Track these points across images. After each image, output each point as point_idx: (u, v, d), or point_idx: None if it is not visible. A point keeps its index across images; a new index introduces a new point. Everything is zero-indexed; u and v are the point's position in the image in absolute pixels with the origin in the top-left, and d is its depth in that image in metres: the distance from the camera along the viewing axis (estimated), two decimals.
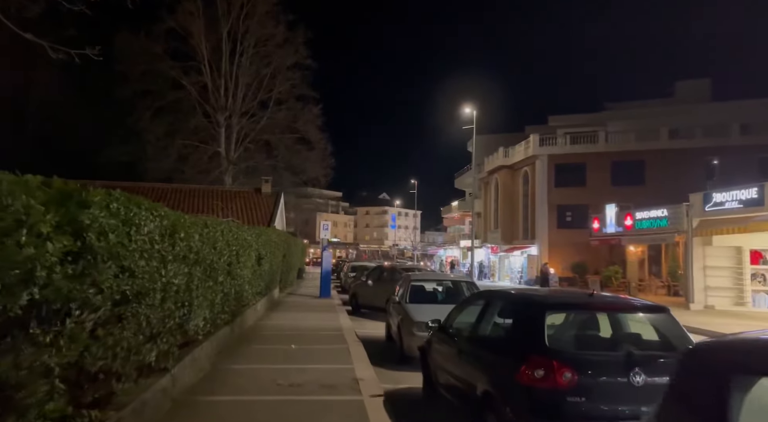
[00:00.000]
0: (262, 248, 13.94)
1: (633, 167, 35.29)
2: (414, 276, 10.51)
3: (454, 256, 58.06)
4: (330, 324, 12.76)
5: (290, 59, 34.84)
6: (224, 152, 33.92)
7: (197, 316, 6.73)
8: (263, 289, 14.96)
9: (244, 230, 10.73)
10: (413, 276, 10.48)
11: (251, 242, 11.79)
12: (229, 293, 9.12)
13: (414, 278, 10.38)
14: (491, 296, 5.63)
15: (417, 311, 8.97)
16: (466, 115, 36.91)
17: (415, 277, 10.47)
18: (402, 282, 11.12)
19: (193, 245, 6.38)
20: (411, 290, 9.93)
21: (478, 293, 6.56)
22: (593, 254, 34.95)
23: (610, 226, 27.66)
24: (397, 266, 17.26)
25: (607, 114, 41.98)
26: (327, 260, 21.01)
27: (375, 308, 15.99)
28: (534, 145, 38.42)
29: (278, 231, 18.72)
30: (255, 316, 13.04)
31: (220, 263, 8.14)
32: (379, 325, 14.08)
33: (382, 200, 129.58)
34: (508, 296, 5.41)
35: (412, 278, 10.26)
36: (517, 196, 42.14)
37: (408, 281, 10.15)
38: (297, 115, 35.28)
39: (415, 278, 10.43)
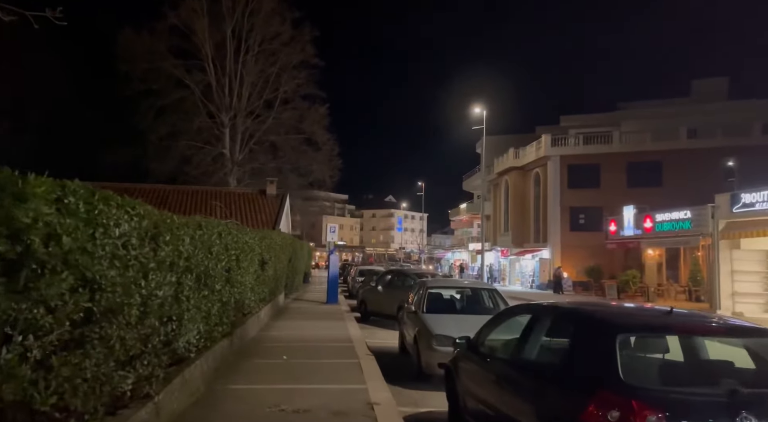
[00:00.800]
0: (266, 252, 13.08)
1: (649, 167, 34.22)
2: (431, 283, 9.58)
3: (462, 259, 57.08)
4: (338, 333, 11.85)
5: (296, 58, 34.08)
6: (229, 153, 33.15)
7: (188, 331, 5.85)
8: (267, 296, 14.09)
9: (246, 232, 9.86)
10: (430, 283, 9.55)
11: (254, 246, 10.92)
12: (228, 303, 8.24)
13: (431, 285, 9.46)
14: (537, 311, 4.69)
15: (436, 322, 8.05)
16: (475, 115, 35.97)
17: (431, 284, 9.54)
18: (417, 289, 10.20)
19: (183, 250, 5.49)
20: (428, 298, 9.01)
21: (520, 307, 5.61)
22: (608, 257, 33.89)
23: (627, 229, 26.63)
24: (410, 271, 16.34)
25: (621, 114, 40.91)
26: (334, 265, 20.13)
27: (385, 316, 15.08)
28: (546, 145, 37.43)
29: (283, 234, 17.86)
30: (258, 325, 12.16)
31: (217, 269, 7.27)
32: (391, 334, 13.17)
33: (388, 202, 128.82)
34: (561, 311, 4.45)
35: (429, 285, 9.34)
36: (528, 198, 41.15)
37: (424, 289, 9.23)
38: (303, 115, 34.48)
39: (432, 285, 9.50)
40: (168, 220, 5.04)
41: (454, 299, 9.53)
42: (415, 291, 10.29)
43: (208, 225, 6.70)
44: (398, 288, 15.06)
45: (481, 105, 35.37)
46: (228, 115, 32.89)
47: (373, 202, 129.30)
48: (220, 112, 32.77)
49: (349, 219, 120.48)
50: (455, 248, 63.80)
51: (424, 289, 9.21)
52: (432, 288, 9.37)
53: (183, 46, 31.35)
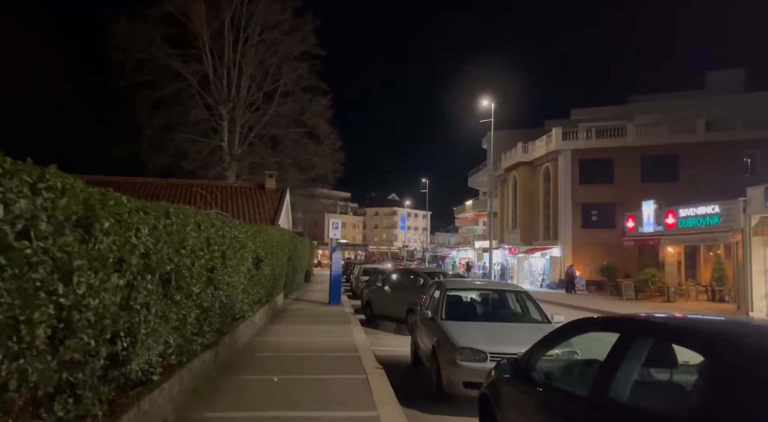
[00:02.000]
0: (262, 249, 11.77)
1: (665, 161, 32.76)
2: (449, 284, 8.21)
3: (468, 258, 55.69)
4: (342, 340, 10.53)
5: (298, 48, 32.70)
6: (227, 146, 31.82)
7: (149, 349, 4.52)
8: (263, 297, 12.78)
9: (236, 226, 8.55)
10: (448, 284, 8.18)
11: (246, 242, 9.62)
12: (210, 308, 6.93)
13: (450, 286, 8.10)
14: (627, 327, 3.29)
15: (460, 332, 6.71)
16: (482, 109, 34.51)
17: (450, 285, 8.17)
18: (432, 291, 8.87)
19: (139, 243, 4.17)
20: (447, 302, 7.66)
21: (595, 320, 4.20)
22: (621, 255, 32.50)
23: (647, 225, 25.20)
24: (420, 269, 14.98)
25: (633, 106, 39.48)
26: (337, 263, 18.81)
27: (393, 319, 13.76)
28: (557, 139, 36.01)
29: (282, 230, 16.54)
30: (251, 330, 10.85)
31: (195, 268, 5.95)
32: (400, 341, 11.85)
33: (391, 200, 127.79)
34: (673, 330, 3.06)
35: (448, 287, 7.97)
36: (537, 194, 39.74)
37: (442, 291, 7.88)
38: (304, 107, 33.10)
39: (451, 286, 8.14)
40: (111, 201, 3.71)
41: (478, 304, 8.14)
42: (429, 293, 8.96)
43: (180, 214, 5.37)
44: (407, 289, 13.72)
45: (489, 97, 33.95)
46: (226, 107, 31.55)
47: (376, 200, 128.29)
48: (218, 104, 31.43)
49: (351, 217, 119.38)
50: (460, 247, 62.38)
51: (442, 291, 7.85)
52: (451, 290, 8.00)
53: (179, 35, 30.00)
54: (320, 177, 35.26)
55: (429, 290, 9.40)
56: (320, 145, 33.65)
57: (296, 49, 32.84)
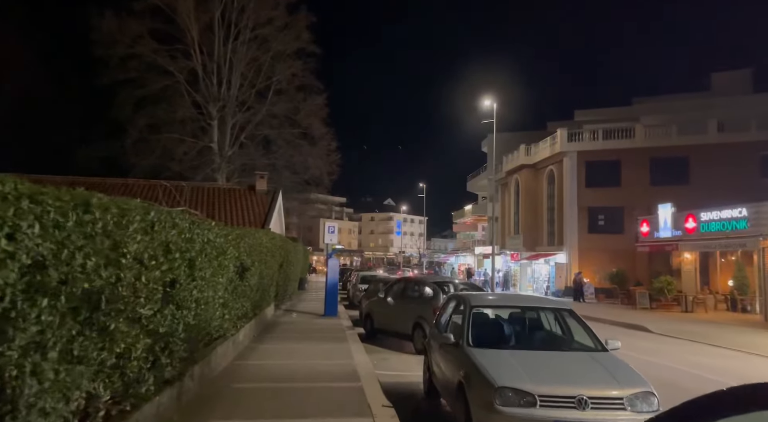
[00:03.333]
0: (248, 255, 10.19)
1: (676, 164, 31.39)
2: (475, 300, 6.58)
3: (468, 264, 54.11)
4: (340, 363, 8.94)
5: (292, 45, 31.24)
6: (217, 147, 30.23)
7: (44, 416, 2.93)
8: (249, 311, 11.19)
9: (210, 228, 6.97)
10: (473, 299, 6.57)
11: (226, 248, 8.05)
12: (171, 333, 5.34)
13: (475, 302, 6.48)
14: None
15: (495, 365, 5.15)
16: (482, 111, 33.02)
17: (476, 301, 6.55)
18: (452, 307, 7.32)
19: (20, 250, 2.61)
20: (474, 323, 6.07)
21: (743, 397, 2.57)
22: (630, 262, 31.08)
23: (664, 230, 23.75)
24: (428, 279, 13.38)
25: (640, 107, 38.17)
26: (333, 270, 17.19)
27: (397, 334, 12.17)
28: (562, 140, 34.61)
29: (273, 234, 14.96)
30: (234, 352, 9.25)
31: (143, 283, 4.38)
32: (406, 361, 10.28)
33: (387, 206, 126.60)
34: None
35: (473, 303, 6.39)
36: (540, 198, 38.31)
37: (467, 308, 6.29)
38: (298, 106, 31.58)
39: (477, 302, 6.52)
40: None
41: (511, 325, 6.48)
42: (448, 310, 7.38)
43: (113, 208, 3.78)
44: (413, 301, 12.14)
45: (491, 97, 32.52)
46: (216, 106, 29.98)
47: (372, 205, 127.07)
48: (207, 102, 29.86)
49: (347, 223, 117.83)
50: (459, 252, 60.81)
51: (467, 308, 6.26)
52: (478, 307, 6.42)
53: (166, 29, 28.48)
54: (315, 180, 33.69)
55: (448, 307, 7.84)
56: (315, 146, 32.11)
57: (290, 47, 31.41)
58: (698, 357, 11.80)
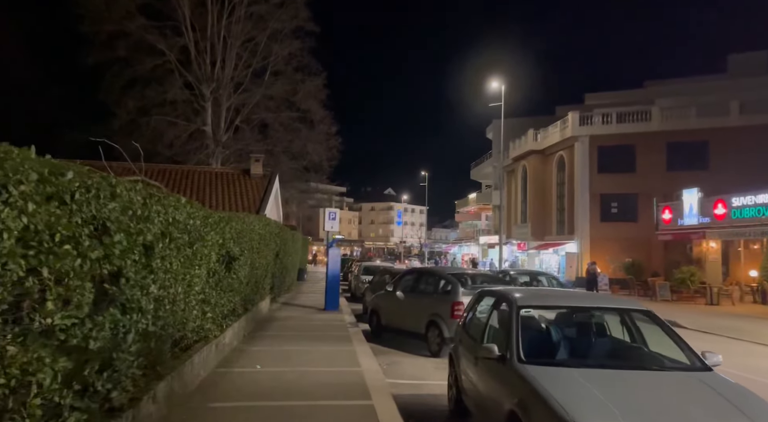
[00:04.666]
0: (235, 243, 8.74)
1: (694, 148, 29.87)
2: (523, 297, 4.98)
3: (472, 254, 52.69)
4: (345, 371, 7.47)
5: (289, 24, 29.53)
6: (211, 131, 28.61)
7: None
8: (238, 306, 9.72)
9: (179, 206, 5.45)
10: (519, 297, 4.96)
11: (205, 233, 6.60)
12: (114, 347, 3.84)
13: (523, 301, 4.89)
14: None
15: (569, 393, 3.64)
16: (489, 94, 31.44)
17: (524, 299, 4.95)
18: (483, 304, 5.82)
19: None
20: (524, 330, 4.57)
21: None
22: (645, 251, 29.66)
23: (689, 216, 22.24)
24: (443, 270, 11.80)
25: (654, 90, 36.52)
26: (334, 261, 15.68)
27: (408, 333, 10.69)
28: (573, 125, 33.00)
29: (268, 220, 13.46)
30: (216, 357, 7.76)
31: (50, 278, 2.87)
32: (423, 367, 8.81)
33: (387, 195, 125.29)
34: None
35: (521, 303, 4.84)
36: (549, 185, 36.77)
37: (513, 310, 4.75)
38: (296, 88, 29.93)
39: (525, 299, 4.93)
40: None
41: (573, 332, 4.94)
42: (480, 310, 5.89)
43: None
44: (427, 295, 10.66)
45: (499, 78, 30.86)
46: (209, 87, 28.32)
47: (372, 195, 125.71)
48: (200, 83, 28.20)
49: (347, 212, 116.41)
50: (463, 242, 59.35)
51: (513, 309, 4.73)
52: (528, 308, 4.91)
53: (156, 5, 26.78)
54: (314, 166, 32.11)
55: (472, 303, 6.35)
56: (313, 130, 30.49)
57: (287, 25, 29.70)
58: (755, 360, 10.33)
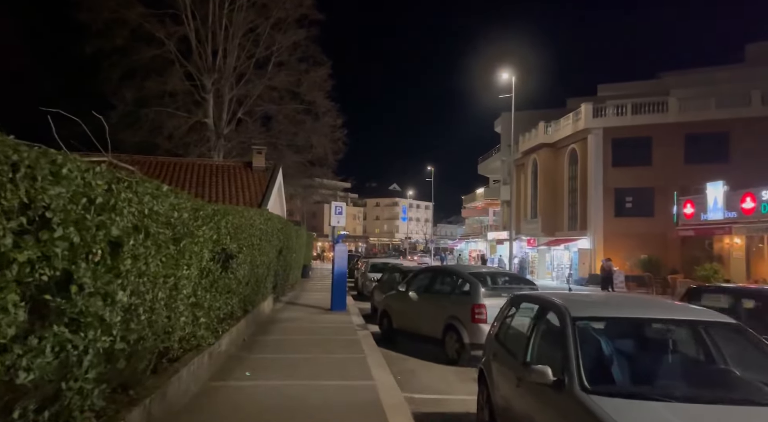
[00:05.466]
0: (233, 238, 7.85)
1: (713, 140, 28.80)
2: (577, 307, 3.94)
3: (479, 250, 51.72)
4: (356, 386, 6.56)
5: (294, 12, 28.51)
6: (212, 123, 27.70)
7: None
8: (237, 308, 8.83)
9: (155, 192, 4.53)
10: (574, 306, 3.93)
11: (193, 228, 5.68)
12: (63, 377, 2.92)
13: (578, 309, 3.86)
14: None
15: None
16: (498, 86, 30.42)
17: (579, 308, 3.92)
18: (522, 312, 4.89)
19: None
20: (585, 349, 3.60)
21: None
22: (661, 248, 28.64)
23: (714, 211, 21.21)
24: (460, 269, 10.80)
25: (669, 80, 35.30)
26: (341, 257, 14.73)
27: (423, 338, 9.78)
28: (586, 116, 31.93)
29: (270, 215, 12.54)
30: (210, 367, 6.85)
31: None
32: (443, 377, 7.88)
33: (392, 191, 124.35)
34: None
35: (575, 313, 3.82)
36: (560, 179, 35.73)
37: (564, 319, 3.78)
38: (300, 79, 28.95)
39: (580, 309, 3.88)
40: None
41: (644, 352, 3.88)
42: (518, 319, 4.95)
43: None
44: (444, 296, 9.73)
45: (509, 69, 29.79)
46: (211, 77, 27.38)
47: (377, 190, 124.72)
48: (201, 74, 27.24)
49: (351, 208, 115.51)
50: (470, 238, 58.36)
51: (566, 322, 3.73)
52: (586, 320, 3.94)
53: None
54: (319, 159, 31.13)
55: (505, 310, 5.42)
56: (318, 121, 29.53)
57: (292, 14, 28.68)
58: None
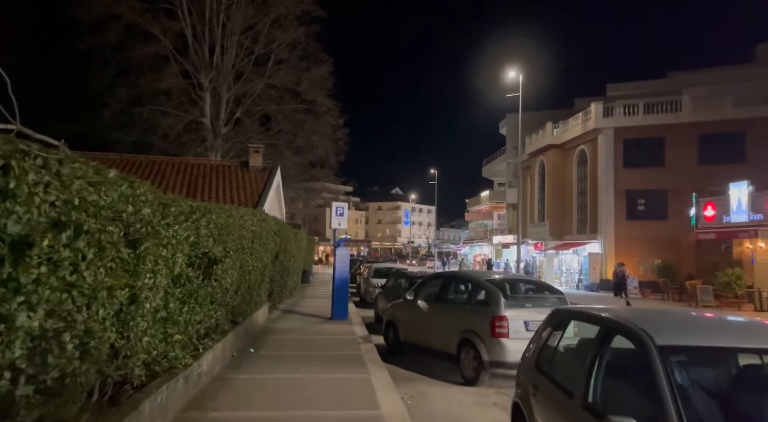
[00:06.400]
0: (218, 242, 6.81)
1: (729, 140, 27.72)
2: (663, 332, 2.80)
3: (484, 254, 50.60)
4: (359, 416, 5.50)
5: (295, 9, 27.59)
6: (210, 123, 26.74)
7: None
8: (223, 320, 7.79)
9: (95, 177, 3.49)
10: (658, 331, 2.76)
11: (161, 228, 4.65)
12: None
13: (665, 336, 2.75)
14: None
15: None
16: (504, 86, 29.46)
17: (667, 334, 2.79)
18: (569, 334, 3.85)
19: None
20: (679, 387, 2.59)
21: None
22: (675, 252, 27.54)
23: (738, 213, 20.13)
24: (475, 276, 9.68)
25: (680, 79, 34.21)
26: (342, 262, 13.67)
27: (434, 352, 8.71)
28: (596, 116, 30.87)
29: (265, 216, 11.50)
30: (187, 394, 5.80)
31: None
32: (460, 401, 6.79)
33: (394, 195, 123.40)
34: None
35: (662, 341, 2.72)
36: (569, 181, 34.64)
37: (647, 351, 2.75)
38: (301, 77, 27.98)
39: (668, 336, 2.77)
40: None
41: (751, 393, 2.91)
42: (570, 344, 3.91)
43: None
44: (458, 306, 8.66)
45: (516, 68, 28.81)
46: (208, 75, 26.43)
47: (379, 194, 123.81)
48: (197, 72, 26.31)
49: (354, 212, 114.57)
50: (474, 242, 57.25)
51: (653, 356, 2.69)
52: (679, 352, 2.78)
53: None
54: (320, 160, 30.14)
55: (546, 328, 4.36)
56: (319, 121, 28.53)
57: (292, 10, 27.75)
58: None
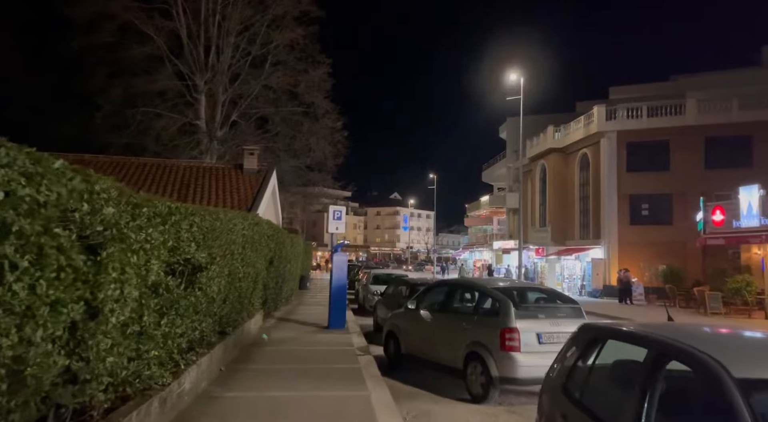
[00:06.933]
0: (202, 247, 6.18)
1: (735, 143, 27.23)
2: (742, 362, 2.31)
3: (484, 260, 49.97)
4: None
5: (293, 9, 27.07)
6: (205, 125, 26.16)
7: None
8: (209, 332, 7.16)
9: (50, 173, 2.88)
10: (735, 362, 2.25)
11: (130, 231, 4.01)
12: None
13: (739, 366, 2.29)
14: None
15: None
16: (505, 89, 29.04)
17: (747, 365, 2.34)
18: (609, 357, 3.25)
19: None
20: None
21: None
22: (680, 257, 26.98)
23: (748, 217, 19.55)
24: (481, 283, 8.98)
25: (684, 82, 33.78)
26: (340, 269, 13.03)
27: (438, 366, 8.08)
28: (599, 120, 30.35)
29: (257, 219, 10.87)
30: (164, 418, 5.16)
31: None
32: (465, 418, 6.16)
33: (393, 200, 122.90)
34: None
35: (738, 373, 2.21)
36: (571, 185, 34.10)
37: (720, 385, 2.21)
38: (299, 79, 27.43)
39: (748, 366, 2.33)
40: None
41: None
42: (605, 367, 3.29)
43: None
44: (465, 316, 8.02)
45: (517, 70, 28.34)
46: (203, 77, 25.87)
47: (378, 199, 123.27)
48: (192, 73, 25.74)
49: (352, 217, 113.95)
50: (474, 247, 56.63)
51: (729, 391, 2.18)
52: (759, 384, 2.30)
53: None
54: (318, 164, 29.56)
55: (582, 351, 3.75)
56: (317, 123, 27.95)
57: (290, 11, 27.23)
58: None
